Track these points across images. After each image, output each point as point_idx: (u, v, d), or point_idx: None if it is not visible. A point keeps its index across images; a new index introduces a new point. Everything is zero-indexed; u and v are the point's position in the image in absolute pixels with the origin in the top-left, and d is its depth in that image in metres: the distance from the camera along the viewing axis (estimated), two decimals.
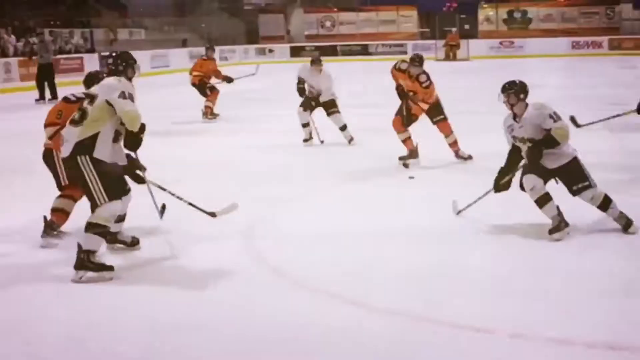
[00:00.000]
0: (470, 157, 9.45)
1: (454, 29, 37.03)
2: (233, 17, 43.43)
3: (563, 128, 5.91)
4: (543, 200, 5.94)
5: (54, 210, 6.41)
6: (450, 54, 35.01)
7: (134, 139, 5.72)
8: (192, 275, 5.46)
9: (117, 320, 4.67)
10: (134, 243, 6.19)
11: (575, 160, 5.99)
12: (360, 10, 42.36)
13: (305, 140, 11.18)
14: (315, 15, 42.88)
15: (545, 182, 5.98)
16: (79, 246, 5.37)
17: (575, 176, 5.99)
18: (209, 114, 14.82)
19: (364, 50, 38.45)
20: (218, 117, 14.87)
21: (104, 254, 5.85)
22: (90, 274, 5.33)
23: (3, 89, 21.70)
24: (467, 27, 39.71)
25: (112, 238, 6.06)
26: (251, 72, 15.46)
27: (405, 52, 37.38)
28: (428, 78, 9.26)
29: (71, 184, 6.34)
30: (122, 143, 5.75)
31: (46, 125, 6.55)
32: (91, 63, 27.38)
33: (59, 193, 6.49)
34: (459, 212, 6.66)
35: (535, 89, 7.02)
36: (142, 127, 5.65)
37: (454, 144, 9.50)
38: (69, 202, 6.44)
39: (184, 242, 6.27)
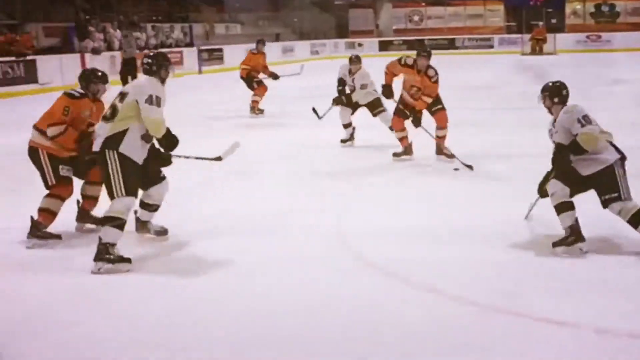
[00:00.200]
0: (452, 156, 8.93)
1: (540, 23, 36.47)
2: (324, 12, 43.59)
3: (588, 133, 5.35)
4: (561, 208, 5.47)
5: (40, 210, 6.16)
6: (537, 48, 34.43)
7: (166, 141, 5.74)
8: (249, 266, 5.51)
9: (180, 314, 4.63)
10: (163, 232, 6.23)
11: (610, 168, 5.38)
12: (448, 4, 42.00)
13: (343, 141, 10.67)
14: (404, 9, 42.69)
15: (576, 191, 5.52)
16: (99, 239, 5.43)
17: (606, 186, 5.39)
18: (255, 109, 14.64)
19: (451, 45, 38.14)
20: (264, 113, 14.62)
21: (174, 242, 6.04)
22: (108, 265, 5.38)
23: (110, 82, 22.03)
24: (553, 20, 38.96)
25: (142, 226, 6.16)
26: (296, 72, 15.45)
27: (491, 47, 37.13)
28: (436, 72, 8.97)
29: (58, 183, 6.20)
30: (150, 144, 5.82)
31: (50, 124, 6.18)
32: (190, 57, 28.01)
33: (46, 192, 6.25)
34: (527, 216, 6.25)
35: (622, 84, 6.94)
36: (169, 132, 5.70)
37: (442, 138, 9.16)
38: (56, 201, 6.20)
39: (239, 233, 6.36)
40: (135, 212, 6.06)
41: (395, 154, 9.38)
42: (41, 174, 6.21)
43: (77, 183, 6.40)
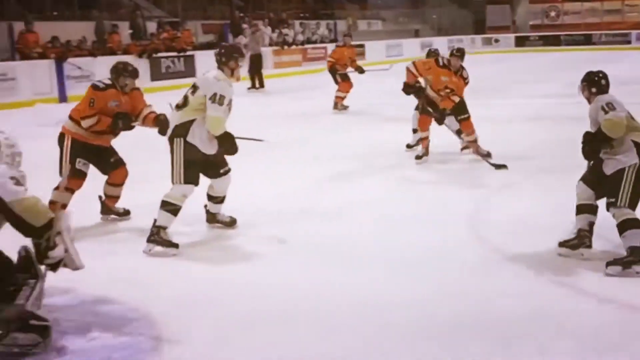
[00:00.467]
0: (489, 154, 8.71)
1: None
2: (462, 8, 43.41)
3: (611, 119, 4.93)
4: (579, 210, 5.17)
5: (51, 203, 5.77)
6: None
7: (222, 141, 5.72)
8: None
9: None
10: (231, 223, 6.22)
11: (621, 171, 4.93)
12: (585, 0, 41.06)
13: (410, 146, 9.61)
14: (541, 5, 41.90)
15: (601, 194, 5.10)
16: (154, 221, 5.50)
17: (611, 188, 4.97)
18: (339, 104, 14.22)
19: (587, 40, 37.25)
20: (348, 109, 14.13)
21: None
22: (158, 248, 5.45)
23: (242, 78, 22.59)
24: None
25: (211, 218, 6.23)
26: (384, 68, 15.35)
27: (629, 42, 36.03)
28: (468, 73, 8.77)
29: (71, 175, 5.96)
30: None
31: (83, 117, 6.16)
32: None
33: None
34: None
35: None
36: (226, 135, 5.71)
37: (474, 142, 8.83)
38: (66, 194, 6.00)
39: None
40: (206, 205, 6.23)
41: (418, 157, 8.93)
42: (59, 161, 6.16)
43: (93, 177, 6.39)
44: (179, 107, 5.79)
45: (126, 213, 6.62)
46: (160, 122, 6.23)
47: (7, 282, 3.94)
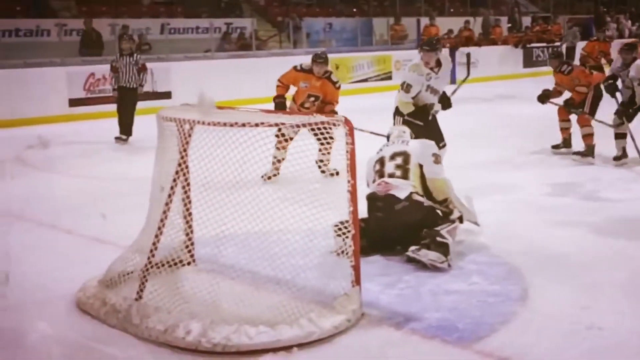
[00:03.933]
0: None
1: None
2: None
3: None
4: None
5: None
6: None
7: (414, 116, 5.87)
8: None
9: None
10: None
11: None
12: None
13: (617, 159, 7.36)
14: None
15: None
16: None
17: None
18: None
19: None
20: None
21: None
22: None
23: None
24: None
25: None
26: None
27: None
28: (568, 65, 7.80)
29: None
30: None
31: (278, 79, 6.57)
32: None
33: None
34: None
35: None
36: (414, 112, 5.82)
37: (587, 136, 7.42)
38: (280, 151, 6.05)
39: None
40: None
41: (554, 147, 7.90)
42: None
43: None
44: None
45: None
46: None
47: (437, 222, 4.36)
